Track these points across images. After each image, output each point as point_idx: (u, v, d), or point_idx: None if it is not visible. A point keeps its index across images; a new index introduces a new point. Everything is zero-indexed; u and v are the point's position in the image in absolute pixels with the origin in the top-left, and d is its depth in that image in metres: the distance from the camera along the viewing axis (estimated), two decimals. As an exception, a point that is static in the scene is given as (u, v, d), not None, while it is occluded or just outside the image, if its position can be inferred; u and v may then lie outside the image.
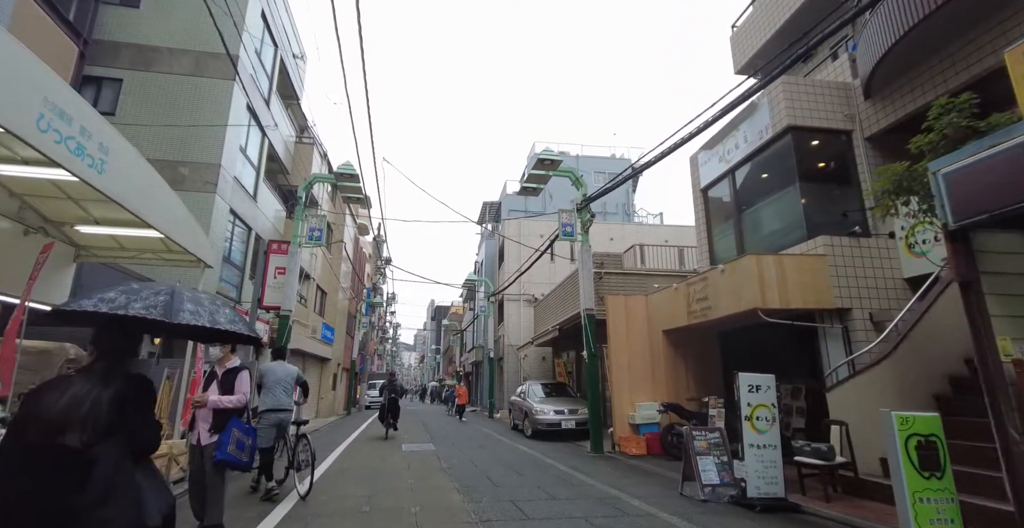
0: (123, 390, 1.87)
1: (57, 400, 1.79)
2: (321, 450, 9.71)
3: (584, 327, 9.81)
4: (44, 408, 1.78)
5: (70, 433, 1.72)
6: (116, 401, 1.82)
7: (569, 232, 10.28)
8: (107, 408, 1.79)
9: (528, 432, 12.04)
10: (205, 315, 2.22)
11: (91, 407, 1.78)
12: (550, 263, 23.04)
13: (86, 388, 1.83)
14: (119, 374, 1.93)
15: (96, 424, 1.75)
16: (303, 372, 19.34)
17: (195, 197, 10.98)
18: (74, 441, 1.71)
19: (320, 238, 10.84)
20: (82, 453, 1.71)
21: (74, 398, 1.79)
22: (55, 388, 1.85)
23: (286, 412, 5.95)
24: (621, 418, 9.65)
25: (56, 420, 1.74)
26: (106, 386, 1.85)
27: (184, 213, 7.05)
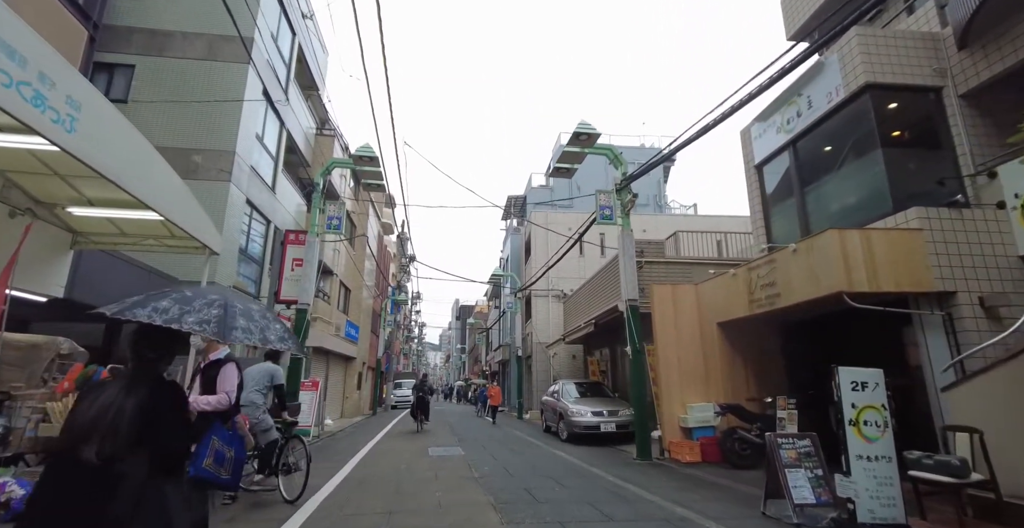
0: (151, 397, 1.80)
1: (88, 408, 1.73)
2: (342, 454, 9.01)
3: (627, 320, 8.83)
4: (76, 416, 1.74)
5: (92, 444, 1.65)
6: (144, 409, 1.75)
7: (608, 215, 9.32)
8: (133, 416, 1.72)
9: (563, 435, 11.12)
10: (256, 333, 2.14)
11: (115, 415, 1.71)
12: (579, 257, 22.04)
13: (114, 395, 1.76)
14: (150, 380, 1.87)
15: (120, 434, 1.68)
16: (327, 371, 18.86)
17: (209, 186, 10.45)
18: (90, 454, 1.64)
19: (339, 227, 10.16)
20: (107, 466, 1.63)
21: (102, 406, 1.73)
22: (89, 395, 1.80)
23: (244, 408, 5.23)
24: (671, 421, 8.64)
25: (83, 429, 1.69)
26: (134, 393, 1.78)
27: (186, 194, 6.37)
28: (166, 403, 1.89)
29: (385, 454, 9.06)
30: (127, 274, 7.86)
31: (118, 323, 9.39)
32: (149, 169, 5.32)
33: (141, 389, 1.82)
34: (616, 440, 10.60)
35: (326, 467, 7.48)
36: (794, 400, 6.90)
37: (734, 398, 8.23)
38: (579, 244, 22.18)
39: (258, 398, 5.59)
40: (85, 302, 6.90)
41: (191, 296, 2.05)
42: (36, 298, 6.16)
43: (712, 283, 8.82)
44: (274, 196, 13.44)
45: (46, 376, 5.51)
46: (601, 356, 16.59)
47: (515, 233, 28.15)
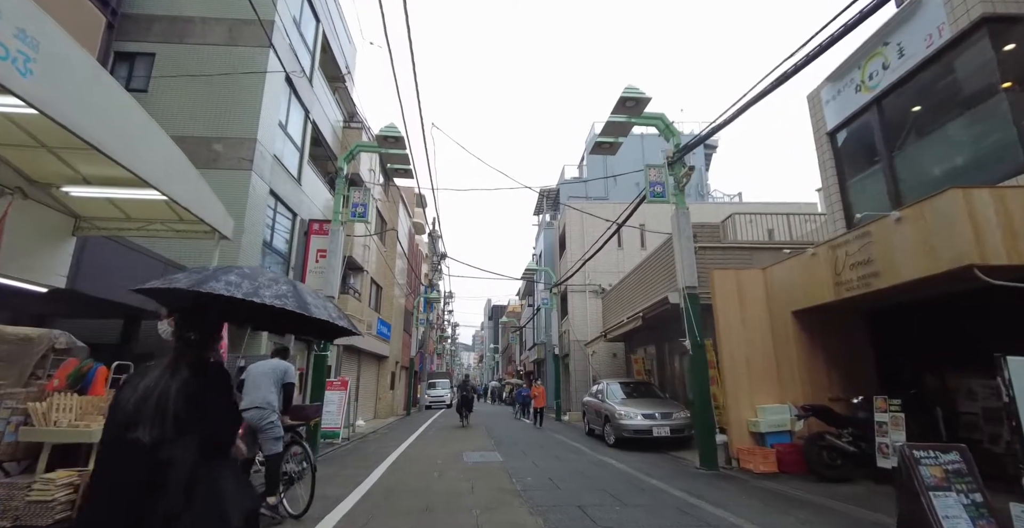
0: (196, 379, 1.74)
1: (132, 392, 1.69)
2: (370, 459, 8.28)
3: (684, 311, 7.77)
4: (120, 401, 1.70)
5: (140, 428, 1.60)
6: (188, 392, 1.69)
7: (659, 193, 8.28)
8: (177, 399, 1.67)
9: (610, 439, 10.11)
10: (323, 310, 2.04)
11: (159, 399, 1.66)
12: (618, 250, 20.92)
13: (157, 378, 1.71)
14: (194, 363, 1.78)
15: (166, 418, 1.63)
16: (359, 370, 18.39)
17: (230, 176, 9.97)
18: (144, 436, 1.59)
19: (364, 215, 9.47)
20: (154, 451, 1.58)
21: (146, 389, 1.68)
22: (133, 381, 1.75)
23: (258, 410, 4.48)
24: (738, 425, 7.53)
25: (129, 414, 1.64)
26: (178, 376, 1.72)
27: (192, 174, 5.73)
28: (212, 386, 1.81)
29: (416, 460, 8.29)
30: (136, 263, 7.34)
31: (137, 318, 8.99)
32: (146, 141, 4.65)
33: (185, 372, 1.75)
34: (669, 446, 9.52)
35: (350, 475, 6.75)
36: (898, 401, 5.72)
37: (814, 398, 7.06)
38: (618, 236, 21.06)
39: (274, 399, 4.85)
40: (89, 293, 6.38)
41: (251, 272, 1.95)
42: (34, 288, 5.63)
43: (785, 266, 7.65)
44: (300, 188, 12.95)
45: (40, 373, 4.94)
46: (645, 354, 15.45)
47: (548, 228, 27.18)
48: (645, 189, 8.40)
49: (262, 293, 1.85)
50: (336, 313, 2.18)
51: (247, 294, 1.81)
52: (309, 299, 2.03)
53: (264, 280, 1.95)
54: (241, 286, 1.83)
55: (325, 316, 2.02)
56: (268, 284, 1.93)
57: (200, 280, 1.81)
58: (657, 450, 9.38)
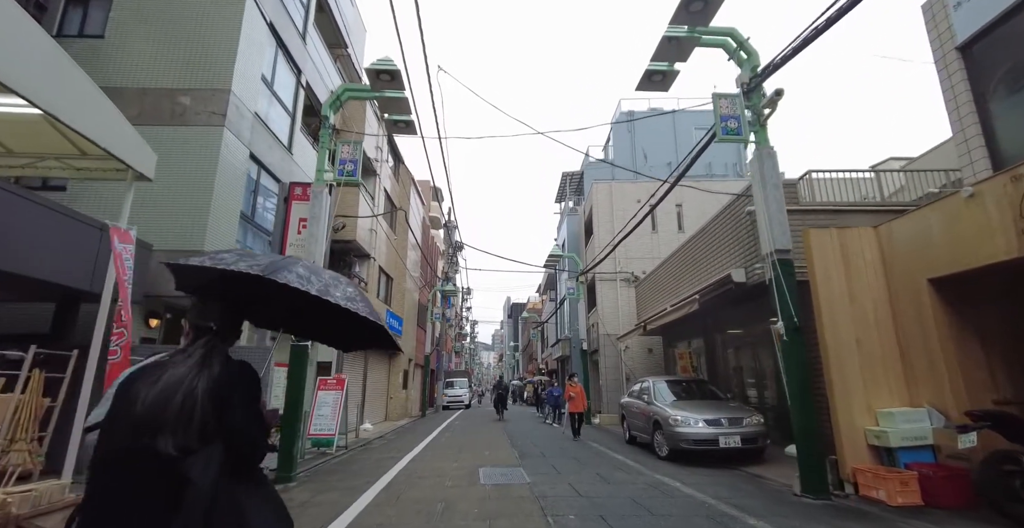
0: (223, 379, 1.43)
1: (148, 392, 1.34)
2: (363, 476, 6.49)
3: (775, 282, 5.79)
4: (131, 402, 1.33)
5: (162, 435, 1.28)
6: (215, 393, 1.38)
7: (733, 129, 6.29)
8: (204, 402, 1.35)
9: (662, 451, 8.15)
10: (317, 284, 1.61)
11: (185, 400, 1.34)
12: (651, 234, 18.86)
13: (179, 376, 1.38)
14: (218, 359, 1.48)
15: (192, 423, 1.32)
16: (366, 368, 16.70)
17: (198, 134, 8.34)
18: (167, 446, 1.28)
19: (354, 173, 7.71)
20: (177, 463, 1.27)
21: (166, 389, 1.34)
22: (146, 376, 1.39)
23: None
24: (850, 435, 5.52)
25: (145, 418, 1.30)
26: (203, 374, 1.40)
27: (90, 88, 4.03)
28: (242, 388, 1.47)
29: (420, 479, 6.48)
30: (64, 230, 5.65)
31: (75, 303, 7.41)
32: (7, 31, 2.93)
33: (211, 369, 1.42)
34: (738, 459, 7.54)
35: (324, 507, 4.96)
36: None
37: (969, 399, 5.00)
38: (651, 218, 18.98)
39: None
40: None
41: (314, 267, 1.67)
42: None
43: (916, 218, 5.60)
44: (291, 157, 11.29)
45: None
46: (691, 348, 13.40)
47: (572, 214, 25.20)
48: (715, 125, 6.41)
49: (333, 293, 1.58)
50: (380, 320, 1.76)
51: (321, 292, 1.54)
52: (343, 290, 1.65)
53: (328, 278, 1.66)
54: (312, 281, 1.56)
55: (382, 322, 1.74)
56: (333, 282, 1.65)
57: (271, 267, 1.50)
58: (724, 465, 7.40)
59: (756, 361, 10.32)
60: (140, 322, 7.77)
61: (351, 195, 14.33)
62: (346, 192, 14.48)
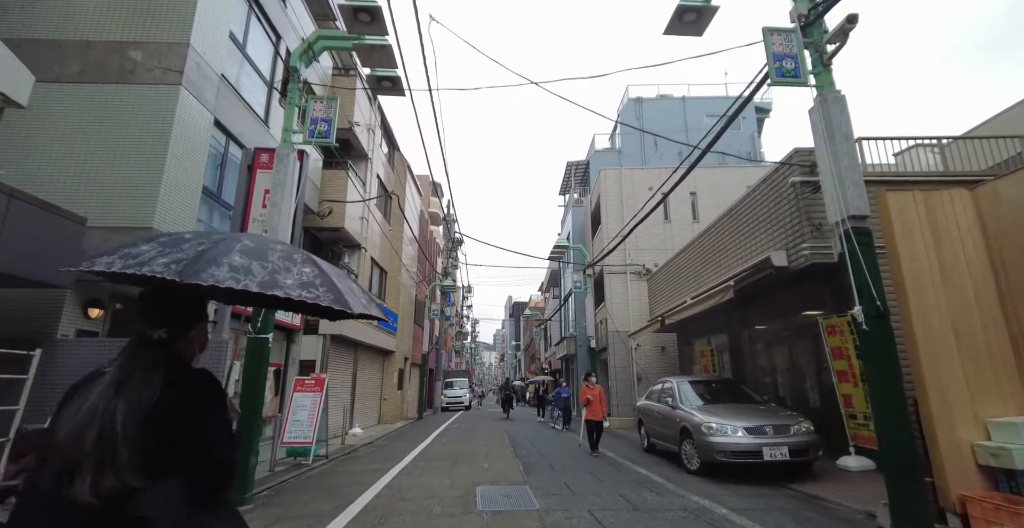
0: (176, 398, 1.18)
1: (73, 418, 1.11)
2: (334, 499, 5.27)
3: (849, 258, 4.56)
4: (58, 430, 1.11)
5: (82, 475, 1.03)
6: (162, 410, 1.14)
7: (789, 70, 5.07)
8: (142, 424, 1.11)
9: (693, 464, 6.94)
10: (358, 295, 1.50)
11: (103, 431, 1.08)
12: (664, 223, 17.65)
13: (105, 395, 1.13)
14: (165, 367, 1.20)
15: (119, 459, 1.06)
16: (355, 367, 15.47)
17: (149, 92, 7.14)
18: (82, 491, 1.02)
19: (328, 135, 6.51)
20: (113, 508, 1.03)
21: (89, 413, 1.10)
22: (76, 396, 1.16)
23: None
24: (953, 451, 4.28)
25: (67, 451, 1.07)
26: (130, 390, 1.14)
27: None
28: (200, 404, 1.22)
29: (404, 501, 5.27)
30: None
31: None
32: None
33: (150, 381, 1.16)
34: (784, 474, 6.34)
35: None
36: None
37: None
38: (664, 208, 17.75)
39: None
40: None
41: (257, 246, 1.33)
42: None
43: (1039, 172, 4.37)
44: (267, 131, 10.08)
45: None
46: (713, 345, 12.18)
47: (577, 206, 23.97)
48: (769, 63, 5.18)
49: (282, 282, 1.25)
50: (365, 297, 1.57)
51: (264, 285, 1.21)
52: (339, 283, 1.42)
53: (277, 259, 1.32)
54: (252, 272, 1.23)
55: (361, 307, 1.43)
56: (284, 265, 1.32)
57: (188, 264, 1.18)
58: (768, 482, 6.19)
59: (792, 358, 9.10)
60: (77, 311, 6.59)
61: (339, 179, 13.16)
62: (333, 176, 13.33)
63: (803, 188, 7.10)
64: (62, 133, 6.83)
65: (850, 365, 6.75)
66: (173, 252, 1.22)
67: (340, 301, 1.33)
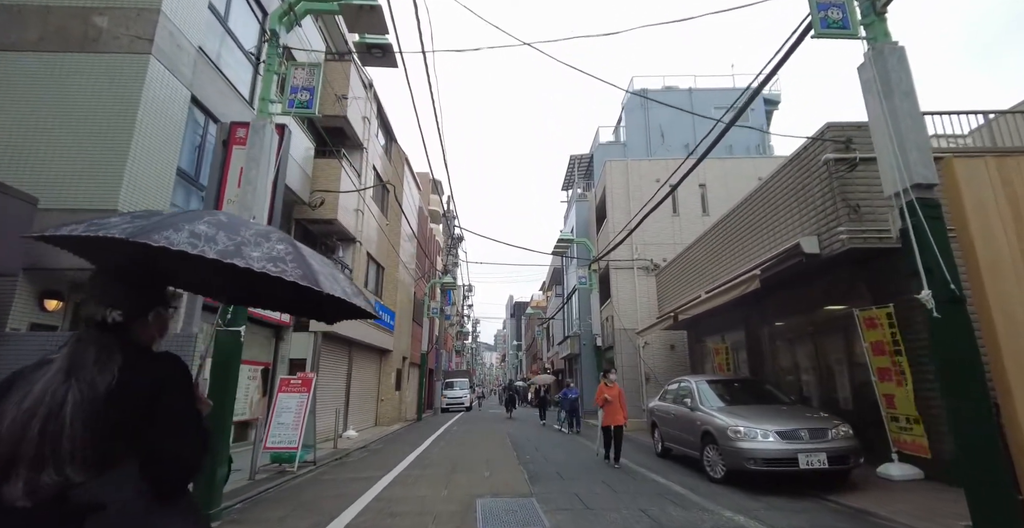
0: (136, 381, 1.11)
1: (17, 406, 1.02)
2: (319, 510, 4.62)
3: (913, 233, 3.87)
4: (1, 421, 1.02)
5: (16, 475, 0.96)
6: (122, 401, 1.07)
7: (836, 21, 4.38)
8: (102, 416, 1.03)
9: (717, 472, 6.25)
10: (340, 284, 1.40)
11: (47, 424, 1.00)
12: (673, 217, 16.97)
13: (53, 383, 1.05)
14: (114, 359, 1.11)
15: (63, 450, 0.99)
16: (350, 366, 14.75)
17: (116, 62, 6.49)
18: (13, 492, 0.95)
19: (310, 105, 5.84)
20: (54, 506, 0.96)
21: (32, 404, 1.02)
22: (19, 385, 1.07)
23: None
24: (1042, 464, 3.59)
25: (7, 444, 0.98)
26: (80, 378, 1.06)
27: None
28: (163, 385, 1.14)
29: (393, 516, 4.61)
30: None
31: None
32: None
33: (106, 365, 1.08)
34: (822, 484, 5.65)
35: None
36: None
37: None
38: (673, 200, 17.01)
39: None
40: None
41: (229, 221, 1.28)
42: None
43: None
44: (252, 113, 9.41)
45: None
46: (728, 343, 11.49)
47: (581, 201, 23.30)
48: (812, 17, 4.49)
49: (248, 254, 1.19)
50: (350, 287, 1.50)
51: (225, 253, 1.15)
52: (316, 265, 1.34)
53: (249, 234, 1.27)
54: (215, 240, 1.17)
55: (339, 292, 1.33)
56: (255, 240, 1.26)
57: (146, 227, 1.15)
58: (803, 492, 5.51)
59: (818, 356, 8.41)
60: (32, 303, 5.92)
61: (332, 168, 12.50)
62: (326, 165, 12.65)
63: (838, 166, 6.42)
64: (15, 105, 6.18)
65: (893, 362, 6.07)
66: (139, 220, 1.17)
67: (309, 278, 1.23)
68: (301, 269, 1.23)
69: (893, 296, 6.14)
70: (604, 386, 7.98)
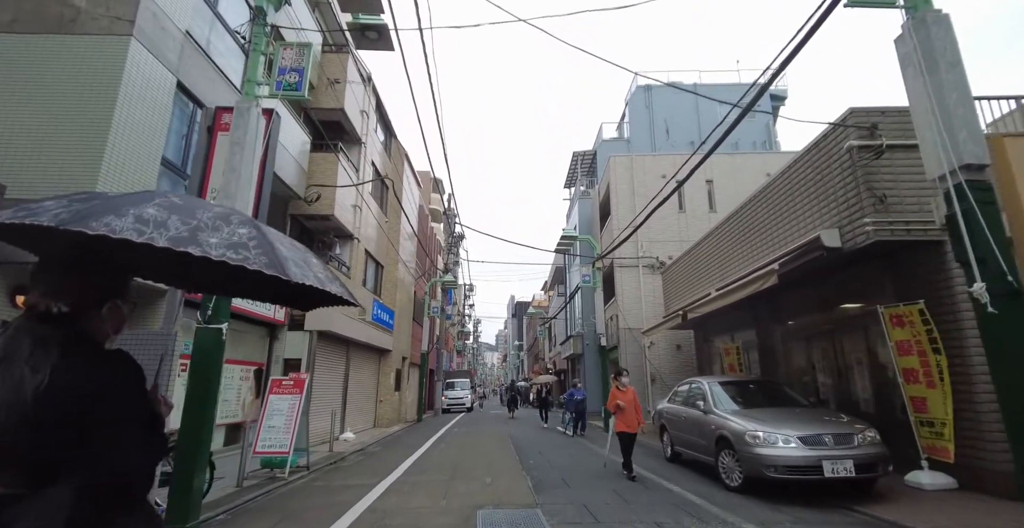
0: (74, 382, 1.00)
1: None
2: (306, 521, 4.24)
3: (963, 217, 3.48)
4: None
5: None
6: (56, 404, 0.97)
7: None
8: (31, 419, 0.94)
9: (733, 480, 5.87)
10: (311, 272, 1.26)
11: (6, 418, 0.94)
12: (679, 214, 16.59)
13: None
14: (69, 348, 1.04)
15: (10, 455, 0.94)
16: (347, 366, 14.35)
17: (94, 44, 6.13)
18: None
19: (299, 87, 5.47)
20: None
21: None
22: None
23: None
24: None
25: None
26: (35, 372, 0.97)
27: None
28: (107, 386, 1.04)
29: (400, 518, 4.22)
30: None
31: None
32: None
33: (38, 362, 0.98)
34: (845, 492, 5.27)
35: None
36: None
37: None
38: (678, 197, 16.60)
39: None
40: None
41: (184, 204, 1.17)
42: None
43: None
44: (243, 102, 9.05)
45: None
46: (739, 343, 11.09)
47: (584, 198, 22.91)
48: (843, -20, 4.09)
49: (204, 240, 1.07)
50: (323, 273, 1.38)
51: (177, 241, 1.03)
52: (284, 250, 1.23)
53: (207, 217, 1.14)
54: (166, 225, 1.05)
55: (311, 280, 1.21)
56: (214, 224, 1.14)
57: (83, 213, 1.02)
58: (827, 502, 5.13)
59: (835, 356, 8.01)
60: (3, 299, 5.56)
61: (328, 163, 12.13)
62: (323, 159, 12.27)
63: (862, 154, 6.02)
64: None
65: (922, 362, 5.67)
66: (77, 205, 1.05)
67: (275, 266, 1.12)
68: (266, 256, 1.13)
69: (921, 292, 5.76)
70: (616, 390, 7.17)
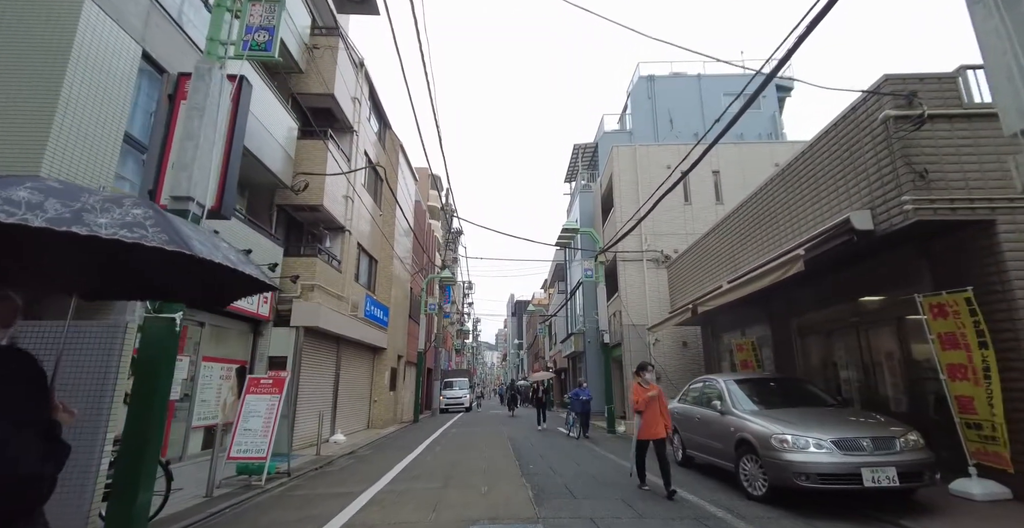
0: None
1: None
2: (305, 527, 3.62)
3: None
4: None
5: None
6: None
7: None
8: None
9: (756, 488, 5.27)
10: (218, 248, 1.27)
11: None
12: (684, 206, 15.97)
13: None
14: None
15: None
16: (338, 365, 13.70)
17: (42, 4, 5.52)
18: None
19: (268, 47, 4.85)
20: None
21: None
22: None
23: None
24: None
25: None
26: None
27: None
28: None
29: None
30: None
31: None
32: None
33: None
34: (885, 503, 4.67)
35: None
36: None
37: None
38: (684, 188, 15.93)
39: None
40: None
41: (65, 188, 1.15)
42: None
43: None
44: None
45: None
46: (752, 338, 10.47)
47: (585, 191, 22.30)
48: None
49: (92, 220, 1.05)
50: (235, 254, 1.36)
51: (58, 221, 1.01)
52: (187, 230, 1.21)
53: (94, 201, 1.12)
54: (41, 208, 1.02)
55: (219, 258, 1.21)
56: (103, 206, 1.12)
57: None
58: (865, 515, 4.53)
59: (862, 351, 7.41)
60: None
61: (317, 150, 11.52)
62: (311, 147, 11.64)
63: (899, 125, 5.42)
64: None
65: (969, 357, 5.07)
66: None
67: (177, 242, 1.11)
68: (166, 234, 1.10)
69: (966, 278, 5.15)
70: (639, 387, 6.01)
